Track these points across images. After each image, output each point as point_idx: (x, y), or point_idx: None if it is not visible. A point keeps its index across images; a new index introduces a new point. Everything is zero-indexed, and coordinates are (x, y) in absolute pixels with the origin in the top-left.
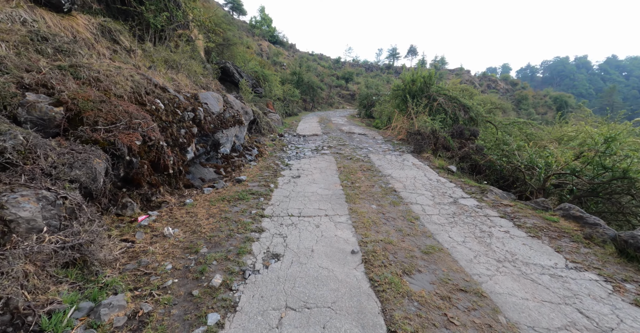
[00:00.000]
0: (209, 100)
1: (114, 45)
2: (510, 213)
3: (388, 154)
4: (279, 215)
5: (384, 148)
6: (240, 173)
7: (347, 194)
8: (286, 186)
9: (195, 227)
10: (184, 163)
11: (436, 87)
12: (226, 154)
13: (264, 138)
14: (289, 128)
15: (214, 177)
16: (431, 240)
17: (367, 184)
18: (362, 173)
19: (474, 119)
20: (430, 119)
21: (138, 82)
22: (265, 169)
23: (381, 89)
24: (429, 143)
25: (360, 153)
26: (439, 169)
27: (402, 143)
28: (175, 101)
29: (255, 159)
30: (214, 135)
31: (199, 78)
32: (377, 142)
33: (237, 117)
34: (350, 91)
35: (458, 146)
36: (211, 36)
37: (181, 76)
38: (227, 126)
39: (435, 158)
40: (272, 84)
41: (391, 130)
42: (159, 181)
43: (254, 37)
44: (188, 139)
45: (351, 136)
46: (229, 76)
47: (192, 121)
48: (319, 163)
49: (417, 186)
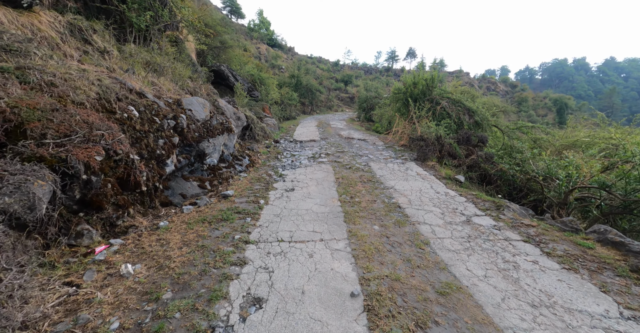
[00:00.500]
0: (193, 106)
1: (85, 45)
2: (534, 235)
3: (390, 163)
4: (267, 241)
5: (385, 155)
6: (227, 187)
7: (346, 211)
8: (278, 202)
9: (164, 260)
10: (162, 178)
11: (439, 90)
12: (213, 165)
13: (258, 144)
14: (285, 133)
15: (198, 192)
16: (446, 275)
17: (368, 199)
18: (362, 184)
19: (479, 124)
20: (434, 125)
21: (107, 87)
22: (256, 182)
23: (381, 92)
24: (433, 150)
25: (360, 161)
26: (446, 180)
27: (404, 149)
28: (154, 108)
29: (246, 170)
30: (199, 145)
31: (185, 82)
32: (378, 148)
33: (225, 124)
34: (349, 93)
35: (465, 153)
36: (201, 38)
37: (164, 79)
38: (214, 134)
39: (441, 167)
40: (269, 88)
41: (392, 135)
42: (128, 201)
43: (252, 41)
44: (167, 151)
45: (350, 141)
46: (224, 79)
47: (173, 130)
48: (316, 173)
49: (424, 201)
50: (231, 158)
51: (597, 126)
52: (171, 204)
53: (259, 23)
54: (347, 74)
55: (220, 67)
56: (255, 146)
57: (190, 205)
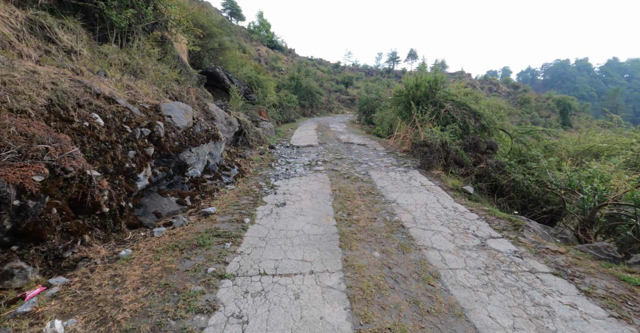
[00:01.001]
0: (173, 112)
1: (47, 44)
2: (565, 266)
3: (391, 171)
4: (246, 274)
5: (387, 162)
6: (211, 202)
7: (342, 233)
8: (266, 220)
9: (111, 309)
10: (132, 195)
11: (443, 92)
12: (196, 177)
13: (251, 150)
14: (283, 137)
15: (175, 209)
16: (464, 325)
17: (368, 216)
18: (361, 198)
19: (485, 128)
20: (439, 130)
21: (65, 91)
22: (244, 195)
23: (382, 94)
24: (438, 158)
25: (360, 169)
26: (453, 192)
27: (406, 155)
28: (125, 115)
29: (234, 181)
30: (179, 155)
31: (170, 85)
32: (379, 154)
33: (211, 131)
34: (349, 95)
35: (473, 161)
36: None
37: (142, 83)
38: (197, 143)
39: (447, 176)
40: (266, 90)
41: (394, 140)
42: (83, 226)
43: (252, 43)
44: (140, 163)
45: (350, 147)
46: (219, 82)
47: (149, 139)
48: (311, 184)
49: (431, 219)
50: (217, 169)
51: (604, 128)
52: (141, 225)
53: (259, 25)
54: (347, 75)
55: (215, 70)
56: (248, 152)
57: (163, 226)
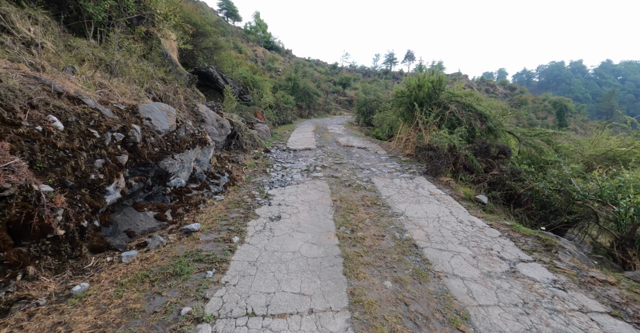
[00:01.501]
0: (153, 114)
1: (1, 35)
2: (621, 303)
3: (396, 178)
4: (230, 315)
5: (390, 167)
6: (195, 216)
7: (346, 255)
8: (257, 238)
9: None
10: (99, 211)
11: (447, 93)
12: (180, 187)
13: (245, 155)
14: (279, 139)
15: (153, 226)
16: None
17: (374, 233)
18: (365, 209)
19: (492, 130)
20: (447, 133)
21: (11, 89)
22: (234, 207)
23: (380, 95)
24: (446, 163)
25: (362, 175)
26: (466, 202)
27: (410, 160)
28: (93, 117)
29: (224, 191)
30: (159, 163)
31: (154, 84)
32: (381, 159)
33: (198, 135)
34: (347, 96)
35: (484, 167)
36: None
37: (119, 81)
38: (181, 148)
39: (457, 183)
40: (262, 91)
41: (395, 143)
42: (27, 255)
43: (249, 43)
44: (110, 174)
45: (349, 150)
46: (213, 82)
47: (122, 145)
48: (309, 193)
49: (446, 236)
50: (205, 177)
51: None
52: (109, 248)
53: (256, 26)
54: (345, 76)
55: (208, 69)
56: (241, 157)
57: (136, 248)
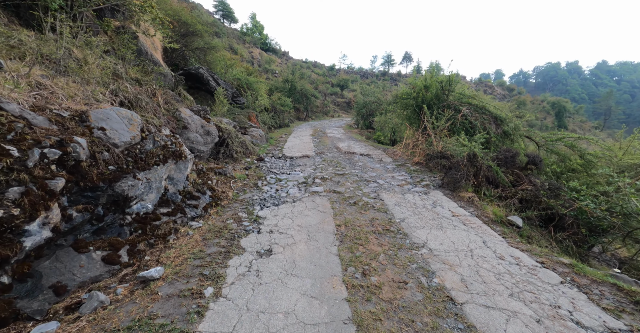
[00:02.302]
0: (109, 122)
1: None
2: None
3: (408, 192)
4: None
5: (399, 178)
6: (161, 254)
7: (359, 318)
8: (238, 289)
9: None
10: (10, 263)
11: (457, 94)
12: (145, 213)
13: (235, 164)
14: (274, 145)
15: (99, 273)
16: None
17: (393, 277)
18: (376, 239)
19: (508, 135)
20: (466, 140)
21: None
22: (214, 237)
23: (380, 97)
24: (466, 175)
25: (368, 190)
26: (500, 227)
27: (420, 169)
28: (14, 128)
29: (203, 214)
30: (115, 185)
31: (122, 86)
32: (387, 168)
33: (171, 147)
34: (345, 98)
35: (511, 179)
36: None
37: (69, 80)
38: (147, 164)
39: (481, 200)
40: (257, 93)
41: (402, 149)
42: None
43: (245, 45)
44: (32, 206)
45: (351, 158)
46: (203, 84)
47: (58, 165)
48: (307, 215)
49: (489, 281)
50: (180, 198)
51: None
52: (18, 318)
53: (252, 27)
54: (343, 78)
55: (198, 70)
56: (230, 168)
57: (63, 313)
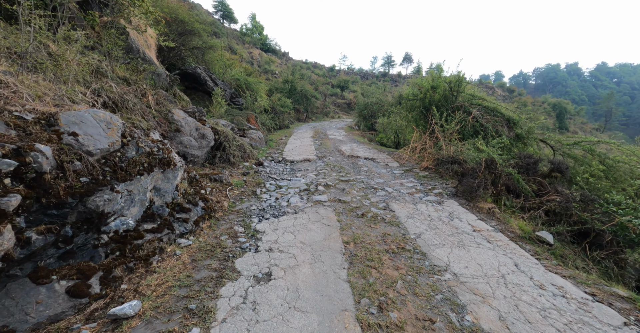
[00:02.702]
0: (83, 127)
1: None
2: None
3: (421, 202)
4: None
5: (408, 186)
6: (141, 281)
7: None
8: (230, 329)
9: None
10: None
11: (467, 95)
12: (125, 230)
13: (232, 169)
14: (274, 148)
15: (61, 310)
16: None
17: (416, 314)
18: (391, 260)
19: (521, 138)
20: (483, 144)
21: None
22: (205, 257)
23: (382, 98)
24: (484, 184)
25: (376, 199)
26: (529, 245)
27: (429, 175)
28: None
29: (194, 229)
30: (88, 200)
31: (107, 85)
32: (394, 173)
33: (158, 154)
34: (346, 99)
35: (534, 189)
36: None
37: (39, 78)
38: (129, 175)
39: (502, 212)
40: (257, 94)
41: (408, 153)
42: None
43: (245, 45)
44: None
45: (355, 162)
46: (201, 84)
47: (15, 178)
48: (311, 229)
49: (533, 321)
50: (168, 211)
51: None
52: None
53: (252, 27)
54: (343, 79)
55: (195, 70)
56: (226, 173)
57: None
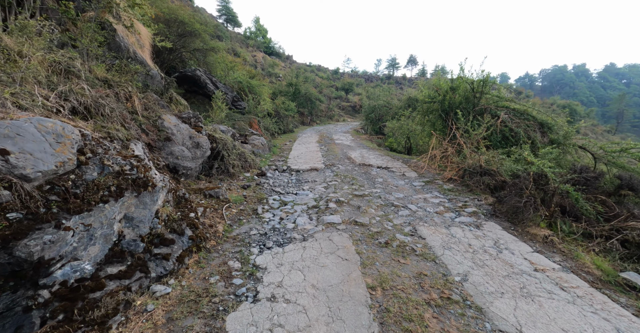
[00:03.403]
0: (20, 142)
1: None
2: None
3: (454, 225)
4: None
5: (433, 201)
6: None
7: None
8: None
9: None
10: None
11: (493, 96)
12: (80, 278)
13: (232, 181)
14: (278, 154)
15: None
16: None
17: None
18: (436, 320)
19: (557, 145)
20: (531, 155)
21: None
22: (185, 315)
23: (390, 101)
24: (533, 203)
25: (399, 220)
26: (624, 297)
27: (456, 188)
28: None
29: (177, 269)
30: (17, 245)
31: (78, 87)
32: (414, 186)
33: (131, 174)
34: (350, 102)
35: (600, 210)
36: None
37: None
38: (87, 204)
39: (562, 241)
40: (260, 97)
41: (427, 161)
42: None
43: (248, 48)
44: None
45: (368, 171)
46: (201, 87)
47: None
48: (324, 266)
49: None
50: (143, 246)
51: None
52: None
53: (256, 31)
54: (347, 82)
55: (195, 72)
56: (224, 188)
57: None
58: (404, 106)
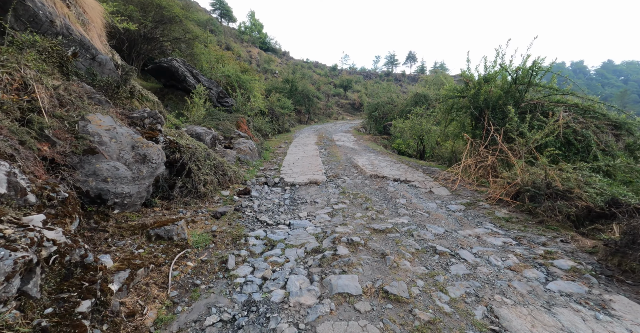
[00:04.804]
0: None
1: None
2: None
3: (557, 302)
4: None
5: (494, 243)
6: None
7: None
8: None
9: None
10: None
11: (545, 88)
12: None
13: (200, 206)
14: (270, 161)
15: None
16: None
17: None
18: None
19: (632, 151)
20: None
21: None
22: None
23: (394, 97)
24: None
25: (457, 289)
26: None
27: (512, 214)
28: None
29: None
30: None
31: None
32: (452, 211)
33: None
34: (349, 99)
35: None
36: (116, 5)
37: None
38: None
39: None
40: (250, 93)
41: (460, 173)
42: None
43: (243, 44)
44: None
45: (383, 186)
46: (179, 81)
47: None
48: None
49: None
50: None
51: None
52: None
53: (251, 26)
54: (346, 78)
55: (172, 63)
56: (181, 222)
57: None
58: (410, 103)
